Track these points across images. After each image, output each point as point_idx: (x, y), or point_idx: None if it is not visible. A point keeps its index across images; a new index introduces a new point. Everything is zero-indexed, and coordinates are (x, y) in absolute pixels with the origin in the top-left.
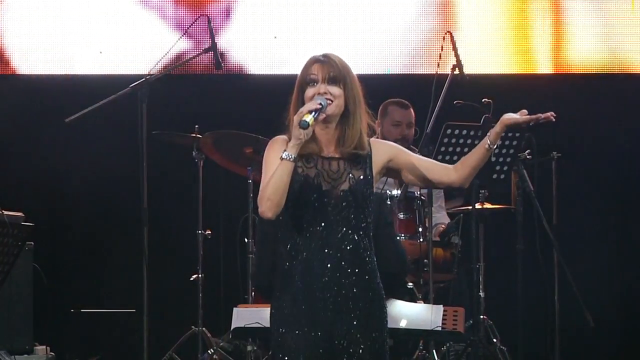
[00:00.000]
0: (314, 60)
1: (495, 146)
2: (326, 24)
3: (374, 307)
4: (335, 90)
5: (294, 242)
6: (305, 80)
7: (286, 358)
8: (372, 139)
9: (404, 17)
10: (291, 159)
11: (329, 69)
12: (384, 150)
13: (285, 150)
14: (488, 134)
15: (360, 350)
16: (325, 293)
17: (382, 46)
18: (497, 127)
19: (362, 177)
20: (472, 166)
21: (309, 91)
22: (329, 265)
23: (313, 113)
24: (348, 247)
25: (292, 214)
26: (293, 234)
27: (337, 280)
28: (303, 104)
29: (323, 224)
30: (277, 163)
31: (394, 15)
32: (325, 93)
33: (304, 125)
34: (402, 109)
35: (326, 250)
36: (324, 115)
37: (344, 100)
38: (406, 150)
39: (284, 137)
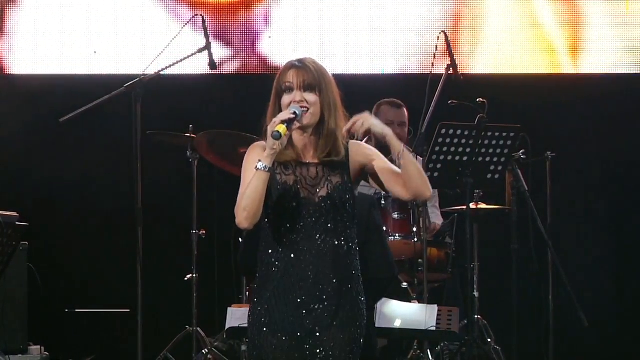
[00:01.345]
0: (290, 66)
1: (400, 151)
2: (320, 24)
3: (354, 315)
4: (311, 97)
5: (273, 249)
6: (281, 87)
7: None
8: (352, 142)
9: (398, 17)
10: (266, 170)
11: (304, 75)
12: (361, 154)
13: (260, 160)
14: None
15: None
16: (304, 301)
17: (377, 46)
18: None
19: (340, 182)
20: (408, 180)
21: (285, 98)
22: (308, 273)
23: (286, 123)
24: (328, 254)
25: (272, 221)
26: (272, 242)
27: (317, 288)
28: (280, 110)
29: (302, 231)
30: (253, 171)
31: (388, 15)
32: (302, 101)
33: (275, 137)
34: (395, 109)
35: (305, 257)
36: (298, 125)
37: (320, 106)
38: (382, 157)
39: (263, 143)
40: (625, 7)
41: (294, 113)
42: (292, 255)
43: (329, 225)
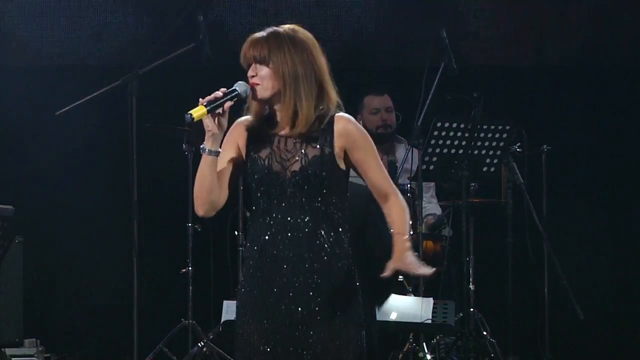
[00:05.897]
0: (247, 40)
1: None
2: (318, 16)
3: (338, 295)
4: (263, 70)
5: (253, 227)
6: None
7: (240, 352)
8: (339, 115)
9: (396, 10)
10: (210, 154)
11: (253, 48)
12: (345, 133)
13: (204, 142)
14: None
15: (321, 345)
16: (280, 282)
17: (374, 38)
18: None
19: (317, 155)
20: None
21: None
22: (284, 254)
23: (210, 105)
24: (302, 234)
25: (252, 199)
26: (252, 220)
27: (293, 269)
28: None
29: (277, 209)
30: (224, 150)
31: (386, 7)
32: (254, 76)
33: (186, 120)
34: (378, 96)
35: (279, 238)
36: (230, 103)
37: (275, 78)
38: (367, 150)
39: (246, 118)
40: None
41: (232, 91)
42: (267, 235)
43: (302, 203)
